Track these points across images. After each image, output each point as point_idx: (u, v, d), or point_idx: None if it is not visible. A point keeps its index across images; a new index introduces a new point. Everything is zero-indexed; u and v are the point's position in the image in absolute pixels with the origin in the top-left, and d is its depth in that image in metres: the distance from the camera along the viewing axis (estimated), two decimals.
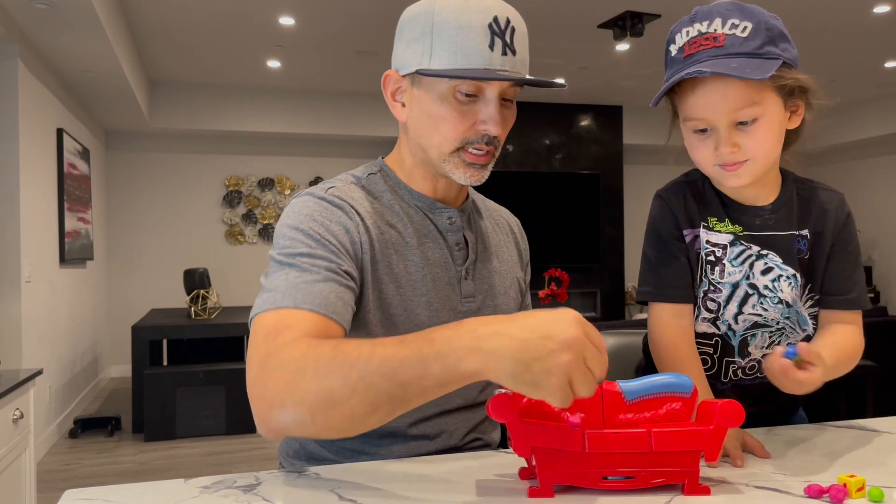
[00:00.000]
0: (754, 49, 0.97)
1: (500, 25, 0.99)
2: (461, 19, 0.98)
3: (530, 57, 1.15)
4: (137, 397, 4.69)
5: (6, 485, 2.22)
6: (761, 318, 1.09)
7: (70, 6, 3.62)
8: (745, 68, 0.94)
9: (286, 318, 0.89)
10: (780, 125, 1.01)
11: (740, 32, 0.97)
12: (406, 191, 1.12)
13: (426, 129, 1.05)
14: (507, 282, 1.19)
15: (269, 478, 0.88)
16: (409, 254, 1.07)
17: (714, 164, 1.03)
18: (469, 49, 0.98)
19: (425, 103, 1.03)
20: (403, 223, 1.09)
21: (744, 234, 1.08)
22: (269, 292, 0.94)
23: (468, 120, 1.02)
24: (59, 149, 4.94)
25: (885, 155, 7.82)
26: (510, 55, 0.99)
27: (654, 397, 0.83)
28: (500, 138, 1.04)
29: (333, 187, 1.08)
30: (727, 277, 1.08)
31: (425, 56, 1.01)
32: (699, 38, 0.99)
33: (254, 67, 6.29)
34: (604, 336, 1.52)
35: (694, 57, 0.99)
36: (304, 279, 0.93)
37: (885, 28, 5.30)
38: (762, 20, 0.99)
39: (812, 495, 0.79)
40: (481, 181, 1.07)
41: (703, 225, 1.10)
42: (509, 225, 1.29)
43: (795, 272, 1.07)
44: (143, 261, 7.19)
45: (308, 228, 0.99)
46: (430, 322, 1.06)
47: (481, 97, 1.01)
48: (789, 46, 1.01)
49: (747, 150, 1.00)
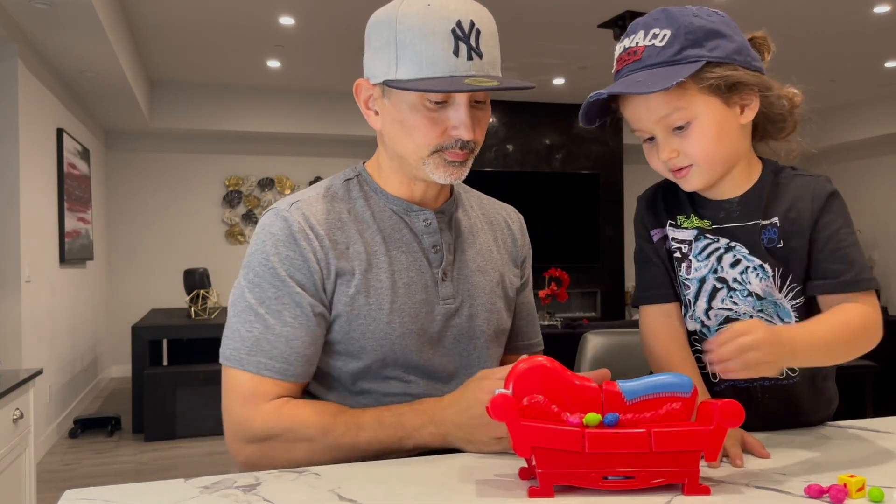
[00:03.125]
0: (670, 56, 0.96)
1: (464, 29, 0.98)
2: (424, 27, 0.98)
3: (530, 57, 1.16)
4: (137, 397, 4.69)
5: (6, 485, 2.22)
6: (732, 311, 1.06)
7: (70, 6, 3.61)
8: (647, 81, 0.94)
9: (256, 385, 1.03)
10: (719, 124, 0.99)
11: (658, 42, 0.97)
12: (382, 195, 1.13)
13: (400, 137, 1.06)
14: (494, 281, 1.19)
15: (269, 478, 0.88)
16: (377, 262, 1.08)
17: (665, 170, 1.04)
18: (433, 58, 0.98)
19: (396, 112, 1.05)
20: (372, 231, 1.10)
21: (712, 227, 1.07)
22: (234, 340, 1.05)
23: (439, 126, 1.03)
24: (59, 149, 4.94)
25: (885, 155, 7.82)
26: (476, 59, 0.99)
27: (654, 397, 0.83)
28: (475, 140, 1.05)
29: (298, 202, 1.10)
30: (693, 273, 1.07)
31: (391, 66, 1.01)
32: (624, 54, 1.01)
33: (254, 67, 6.29)
34: (603, 336, 1.52)
35: (620, 73, 1.01)
36: (268, 334, 1.03)
37: (885, 28, 5.30)
38: (683, 24, 0.97)
39: (812, 495, 0.79)
40: (462, 178, 1.08)
41: (669, 223, 1.10)
42: (507, 222, 1.27)
43: (762, 263, 1.03)
44: (143, 261, 7.19)
45: (274, 264, 1.05)
46: (401, 328, 1.08)
47: (451, 103, 1.02)
48: (723, 42, 0.98)
49: (687, 154, 1.00)
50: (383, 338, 1.07)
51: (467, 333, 1.14)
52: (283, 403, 1.04)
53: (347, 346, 1.08)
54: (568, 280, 5.30)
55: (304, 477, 0.88)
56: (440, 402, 1.03)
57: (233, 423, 1.05)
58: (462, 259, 1.16)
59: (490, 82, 0.98)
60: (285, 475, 0.89)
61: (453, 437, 1.00)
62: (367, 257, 1.08)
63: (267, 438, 1.02)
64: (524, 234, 1.30)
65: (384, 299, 1.07)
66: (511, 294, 1.23)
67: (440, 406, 1.02)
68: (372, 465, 0.95)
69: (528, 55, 5.98)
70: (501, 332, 1.21)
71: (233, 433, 1.05)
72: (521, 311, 1.28)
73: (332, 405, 1.06)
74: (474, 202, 1.26)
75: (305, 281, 1.05)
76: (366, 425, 1.01)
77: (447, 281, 1.13)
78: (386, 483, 0.86)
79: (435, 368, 1.11)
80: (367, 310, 1.07)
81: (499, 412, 0.79)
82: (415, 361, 1.09)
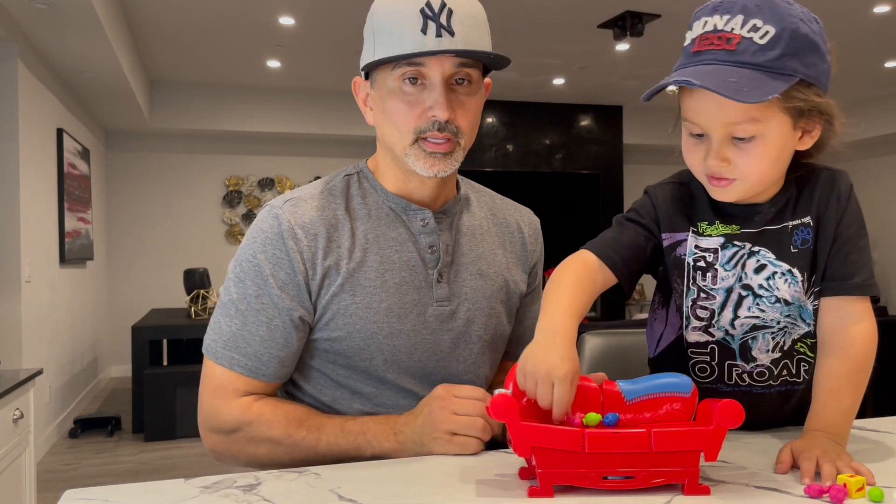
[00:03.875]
0: (768, 60, 0.86)
1: (434, 9, 1.00)
2: (395, 11, 1.01)
3: (529, 57, 1.17)
4: (137, 397, 4.69)
5: (6, 485, 2.22)
6: (759, 319, 1.01)
7: (70, 6, 3.61)
8: (742, 87, 0.84)
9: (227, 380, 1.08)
10: (782, 146, 0.91)
11: (759, 38, 0.87)
12: (382, 192, 1.13)
13: (386, 126, 1.07)
14: (495, 286, 1.16)
15: (269, 478, 0.88)
16: (367, 259, 1.08)
17: (702, 173, 0.96)
18: (402, 37, 1.00)
19: (380, 101, 1.07)
20: (365, 229, 1.10)
21: (740, 232, 0.99)
22: (214, 332, 1.09)
23: (416, 108, 1.03)
24: (59, 149, 4.94)
25: (886, 155, 7.82)
26: (447, 36, 1.00)
27: (654, 397, 0.83)
28: (455, 123, 1.03)
29: (293, 199, 1.10)
30: (720, 283, 1.00)
31: (369, 53, 1.05)
32: (712, 34, 0.89)
33: (254, 67, 6.29)
34: (601, 336, 1.52)
35: (701, 56, 0.89)
36: (244, 332, 1.06)
37: (885, 28, 5.30)
38: (789, 26, 0.87)
39: (812, 495, 0.79)
40: (446, 172, 1.06)
41: (691, 230, 1.02)
42: (519, 225, 1.24)
43: (791, 267, 0.99)
44: (143, 261, 7.19)
45: (260, 261, 1.06)
46: (389, 328, 1.07)
47: (427, 85, 1.02)
48: (818, 60, 0.90)
49: (738, 168, 0.91)
50: (370, 337, 1.06)
51: (463, 338, 1.12)
52: (252, 401, 1.07)
53: (336, 344, 1.07)
54: None
55: (304, 477, 0.88)
56: (402, 414, 1.05)
57: (203, 411, 1.10)
58: (461, 262, 1.14)
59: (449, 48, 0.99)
60: (285, 475, 0.89)
61: (409, 441, 1.01)
62: (357, 255, 1.07)
63: (232, 432, 1.07)
64: (537, 238, 1.27)
65: (372, 298, 1.06)
66: (515, 300, 1.21)
67: (401, 416, 1.04)
68: (372, 465, 0.95)
69: (528, 55, 5.98)
70: (500, 339, 1.19)
71: (202, 421, 1.10)
72: (527, 317, 1.25)
73: (301, 408, 1.08)
74: (485, 203, 1.23)
75: (288, 281, 1.05)
76: (327, 430, 1.04)
77: (443, 282, 1.11)
78: (386, 483, 0.86)
79: (428, 372, 1.10)
80: (352, 308, 1.06)
81: (499, 412, 0.79)
82: (405, 364, 1.08)
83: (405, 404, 1.08)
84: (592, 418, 0.81)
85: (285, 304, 1.05)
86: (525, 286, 1.23)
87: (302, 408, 1.08)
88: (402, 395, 1.09)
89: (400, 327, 1.07)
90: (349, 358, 1.08)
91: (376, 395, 1.09)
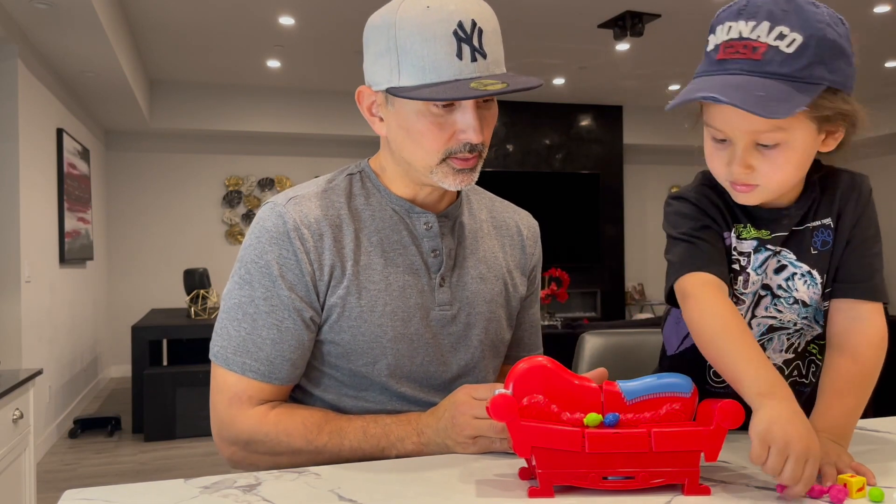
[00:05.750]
0: (795, 70, 0.84)
1: (466, 30, 0.95)
2: (425, 31, 0.95)
3: (530, 57, 1.15)
4: (137, 397, 4.69)
5: (6, 485, 2.21)
6: (776, 320, 1.00)
7: (70, 6, 3.61)
8: (769, 101, 0.81)
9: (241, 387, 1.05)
10: (805, 152, 0.90)
11: (785, 46, 0.84)
12: (385, 194, 1.11)
13: (407, 144, 1.03)
14: (495, 290, 1.16)
15: (269, 478, 0.88)
16: (372, 262, 1.07)
17: (726, 178, 0.94)
18: (436, 62, 0.95)
19: (402, 119, 1.02)
20: (369, 231, 1.08)
21: (770, 237, 0.98)
22: (223, 338, 1.06)
23: (447, 131, 1.00)
24: (59, 149, 4.94)
25: (886, 155, 7.82)
26: (480, 60, 0.96)
27: (654, 397, 0.83)
28: (484, 142, 1.02)
29: (296, 197, 1.08)
30: (750, 287, 0.99)
31: (394, 73, 0.98)
32: (737, 42, 0.86)
33: (254, 67, 6.29)
34: (601, 336, 1.52)
35: (725, 64, 0.87)
36: (255, 336, 1.04)
37: (885, 28, 5.30)
38: (816, 32, 0.84)
39: (812, 495, 0.79)
40: (472, 184, 1.06)
41: (732, 233, 1.00)
42: (518, 227, 1.24)
43: (811, 269, 0.98)
44: (143, 261, 7.19)
45: (268, 261, 1.04)
46: (392, 331, 1.06)
47: (458, 106, 0.99)
48: (844, 65, 0.87)
49: (761, 174, 0.90)
50: (374, 340, 1.05)
51: (464, 342, 1.12)
52: (267, 410, 1.05)
53: (339, 347, 1.07)
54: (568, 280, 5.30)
55: (304, 477, 0.88)
56: (423, 412, 1.05)
57: (218, 421, 1.07)
58: (463, 266, 1.13)
59: (496, 84, 0.95)
60: (285, 475, 0.89)
61: (432, 443, 1.01)
62: (361, 257, 1.06)
63: (249, 442, 1.05)
64: (536, 241, 1.26)
65: (376, 301, 1.06)
66: (514, 303, 1.20)
67: (423, 416, 1.04)
68: (372, 465, 0.95)
69: (528, 55, 5.98)
70: (500, 343, 1.18)
71: (217, 431, 1.08)
72: (526, 321, 1.25)
73: (319, 413, 1.06)
74: (484, 205, 1.22)
75: (297, 281, 1.04)
76: (350, 435, 1.03)
77: (445, 287, 1.10)
78: (386, 483, 0.86)
79: (430, 376, 1.10)
80: (358, 311, 1.05)
81: (499, 412, 0.79)
82: (407, 367, 1.08)
83: (405, 407, 1.08)
84: (592, 418, 0.81)
85: (295, 304, 1.04)
86: (524, 289, 1.23)
87: (318, 411, 1.07)
88: (402, 398, 1.09)
89: (404, 331, 1.07)
90: (352, 360, 1.07)
91: (376, 396, 1.09)
